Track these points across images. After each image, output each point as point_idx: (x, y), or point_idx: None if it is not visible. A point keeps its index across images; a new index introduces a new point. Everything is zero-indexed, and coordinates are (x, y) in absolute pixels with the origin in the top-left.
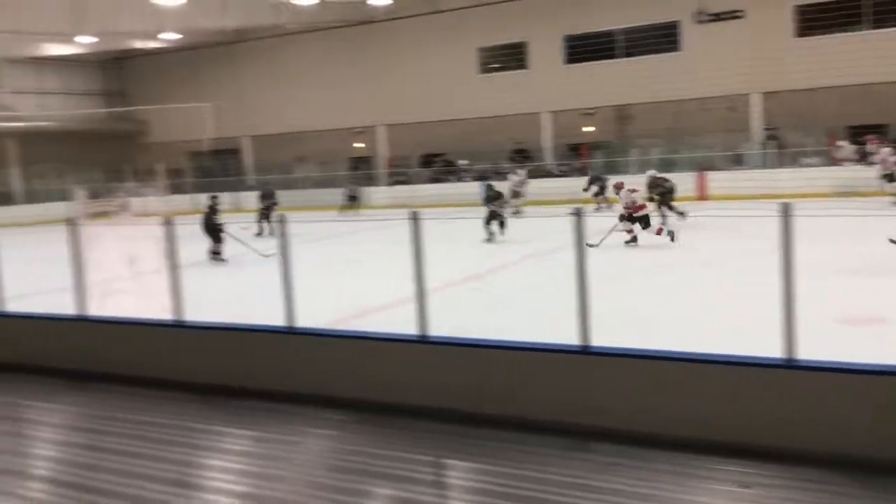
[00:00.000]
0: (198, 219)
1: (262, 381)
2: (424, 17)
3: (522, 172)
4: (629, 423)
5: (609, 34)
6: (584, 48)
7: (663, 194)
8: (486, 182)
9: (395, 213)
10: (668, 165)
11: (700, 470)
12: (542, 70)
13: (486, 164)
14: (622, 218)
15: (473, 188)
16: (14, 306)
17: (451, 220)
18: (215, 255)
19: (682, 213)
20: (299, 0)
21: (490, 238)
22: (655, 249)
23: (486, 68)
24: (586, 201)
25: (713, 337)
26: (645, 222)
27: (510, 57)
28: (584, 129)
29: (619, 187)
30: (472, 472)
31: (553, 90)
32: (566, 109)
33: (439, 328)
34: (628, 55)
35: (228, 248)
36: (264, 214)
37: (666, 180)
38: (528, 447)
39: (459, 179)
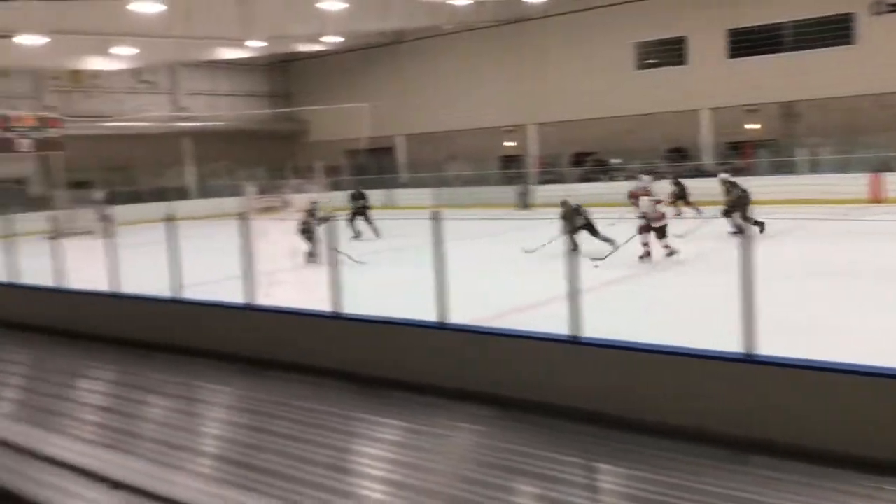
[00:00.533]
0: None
1: (415, 374)
2: (579, 14)
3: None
4: (793, 436)
5: (776, 27)
6: (748, 42)
7: (736, 201)
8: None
9: (546, 212)
10: (840, 166)
11: (868, 489)
12: (702, 65)
13: (638, 163)
14: (641, 230)
15: (626, 188)
16: (190, 294)
17: (604, 219)
18: (311, 256)
19: (760, 224)
20: (456, 0)
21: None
22: (817, 253)
23: (642, 64)
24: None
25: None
26: (661, 233)
27: (668, 52)
28: (747, 126)
29: (638, 195)
30: (624, 478)
31: (714, 86)
32: (727, 106)
33: (593, 329)
34: (796, 49)
35: (375, 244)
36: (357, 215)
37: (736, 185)
38: (684, 456)
39: (611, 178)
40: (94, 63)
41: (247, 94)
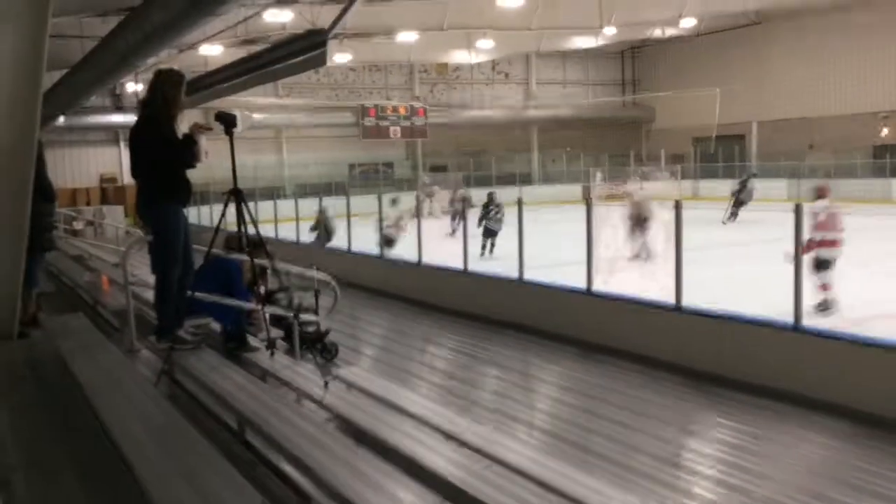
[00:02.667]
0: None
1: (759, 377)
2: None
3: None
4: None
5: None
6: None
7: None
8: None
9: None
10: None
11: None
12: None
13: None
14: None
15: None
16: (532, 275)
17: None
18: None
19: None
20: None
21: None
22: None
23: None
24: None
25: None
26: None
27: None
28: None
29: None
30: None
31: None
32: None
33: None
34: None
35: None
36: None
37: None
38: None
39: None
40: (459, 56)
41: (595, 82)
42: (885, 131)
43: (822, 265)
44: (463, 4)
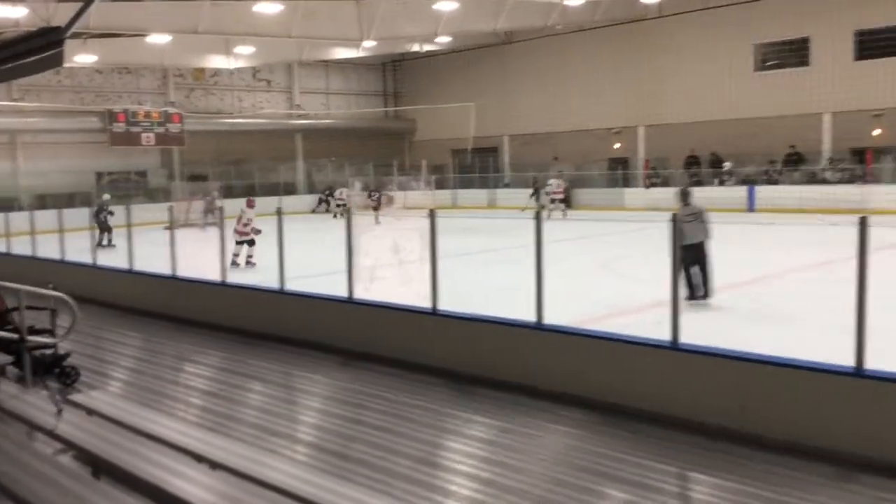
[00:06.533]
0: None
1: (509, 374)
2: (696, 14)
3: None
4: None
5: None
6: (876, 44)
7: None
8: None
9: (651, 215)
10: None
11: None
12: (826, 67)
13: (754, 167)
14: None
15: (737, 193)
16: (293, 286)
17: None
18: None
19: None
20: (569, 1)
21: None
22: None
23: (762, 66)
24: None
25: None
26: None
27: (790, 53)
28: (875, 132)
29: None
30: (722, 490)
31: (837, 89)
32: (852, 111)
33: (696, 336)
34: None
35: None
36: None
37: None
38: (789, 471)
39: (721, 183)
40: (216, 61)
41: (358, 92)
42: (617, 145)
43: None
44: (219, 8)
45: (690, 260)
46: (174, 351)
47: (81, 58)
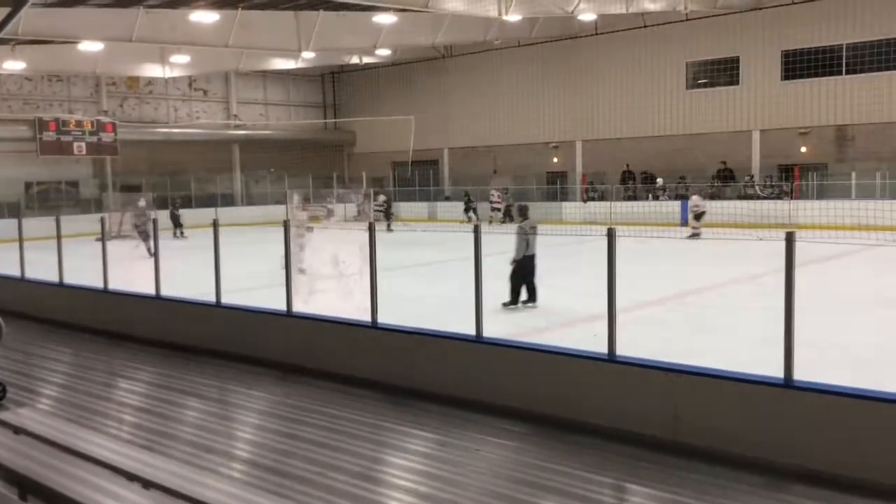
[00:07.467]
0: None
1: (448, 387)
2: (630, 32)
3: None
4: (833, 465)
5: (831, 49)
6: (803, 64)
7: None
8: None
9: (588, 229)
10: (894, 192)
11: None
12: (754, 86)
13: (686, 182)
14: None
15: (670, 207)
16: (230, 299)
17: (648, 238)
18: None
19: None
20: (507, 16)
21: None
22: (874, 278)
23: (694, 84)
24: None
25: None
26: None
27: (721, 72)
28: (801, 149)
29: None
30: (657, 501)
31: (766, 107)
32: (779, 128)
33: (631, 348)
34: (852, 72)
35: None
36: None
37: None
38: (722, 481)
39: (655, 198)
40: (151, 70)
41: (297, 103)
42: (555, 159)
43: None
44: (154, 16)
45: (531, 268)
46: (106, 366)
47: (10, 64)
